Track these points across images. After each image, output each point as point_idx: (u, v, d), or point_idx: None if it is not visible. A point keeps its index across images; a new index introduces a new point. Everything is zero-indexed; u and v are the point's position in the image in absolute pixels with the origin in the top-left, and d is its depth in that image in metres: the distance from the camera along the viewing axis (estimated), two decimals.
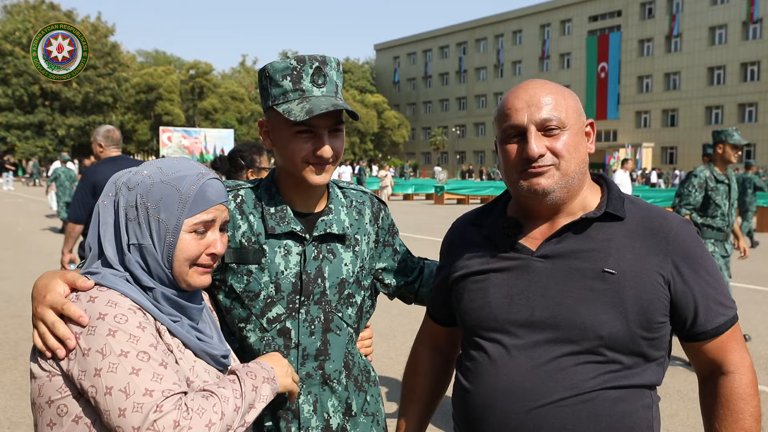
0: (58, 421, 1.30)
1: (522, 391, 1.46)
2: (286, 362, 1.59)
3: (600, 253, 1.49)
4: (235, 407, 1.33)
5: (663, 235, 1.50)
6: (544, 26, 66.27)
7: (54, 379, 1.30)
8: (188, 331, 1.43)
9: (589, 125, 1.59)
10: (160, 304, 1.39)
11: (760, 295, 9.25)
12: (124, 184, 1.42)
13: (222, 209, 1.47)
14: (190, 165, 1.47)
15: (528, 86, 1.54)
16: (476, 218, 1.73)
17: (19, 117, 50.34)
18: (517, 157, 1.51)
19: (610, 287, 1.45)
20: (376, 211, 1.90)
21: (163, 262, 1.39)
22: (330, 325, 1.74)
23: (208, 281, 1.47)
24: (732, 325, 1.52)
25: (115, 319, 1.28)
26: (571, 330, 1.45)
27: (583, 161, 1.53)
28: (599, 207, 1.55)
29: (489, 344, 1.54)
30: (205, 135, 48.31)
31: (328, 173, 1.71)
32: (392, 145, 72.43)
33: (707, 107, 54.83)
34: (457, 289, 1.65)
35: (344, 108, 1.65)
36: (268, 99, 1.70)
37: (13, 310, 7.81)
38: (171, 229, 1.38)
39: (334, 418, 1.75)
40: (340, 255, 1.76)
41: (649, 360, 1.49)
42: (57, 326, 1.28)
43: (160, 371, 1.27)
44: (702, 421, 1.63)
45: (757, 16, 50.88)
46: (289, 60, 1.67)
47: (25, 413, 4.78)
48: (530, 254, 1.54)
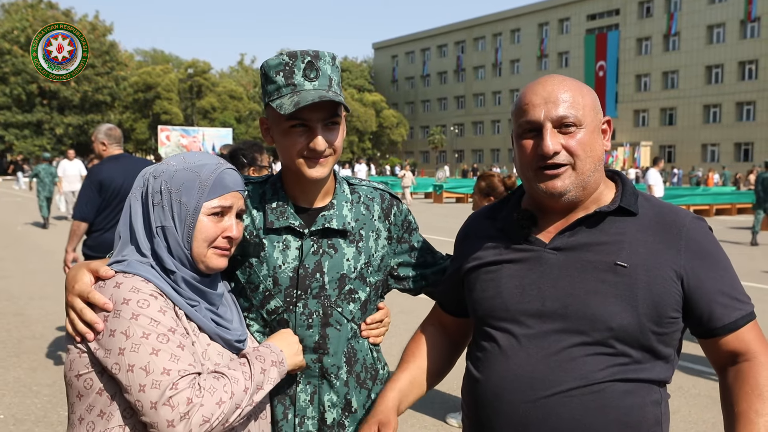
0: (84, 393, 1.44)
1: (531, 380, 1.48)
2: (296, 339, 1.69)
3: (613, 247, 1.50)
4: (245, 388, 1.44)
5: (676, 230, 1.51)
6: (543, 25, 66.23)
7: (83, 356, 1.43)
8: (205, 316, 1.53)
9: (606, 123, 1.60)
10: (181, 288, 1.50)
11: (760, 292, 9.27)
12: (151, 174, 1.56)
13: (238, 197, 1.59)
14: (211, 157, 1.62)
15: (546, 82, 1.55)
16: (490, 212, 1.75)
17: (17, 116, 50.29)
18: (532, 153, 1.53)
19: (622, 280, 1.46)
20: (387, 207, 1.88)
21: (183, 243, 1.51)
22: (329, 319, 1.74)
23: (225, 264, 1.58)
24: (750, 320, 1.51)
25: (138, 304, 1.40)
26: (582, 321, 1.46)
27: (598, 159, 1.54)
28: (613, 202, 1.56)
29: (499, 334, 1.56)
30: (204, 134, 48.28)
31: (324, 167, 1.70)
32: (391, 144, 72.41)
33: (705, 106, 54.84)
34: (470, 280, 1.67)
35: (333, 99, 1.63)
36: (265, 96, 1.72)
37: (15, 308, 7.83)
38: (191, 211, 1.51)
39: (330, 413, 1.75)
40: (342, 250, 1.76)
41: (659, 356, 1.50)
42: (85, 312, 1.41)
43: (178, 352, 1.39)
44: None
45: (755, 15, 50.91)
46: (282, 56, 1.68)
47: (29, 410, 4.80)
48: (543, 246, 1.56)
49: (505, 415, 1.51)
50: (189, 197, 1.51)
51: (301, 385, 1.74)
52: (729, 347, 1.51)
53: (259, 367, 1.51)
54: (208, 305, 1.55)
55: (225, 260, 1.57)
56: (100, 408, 1.43)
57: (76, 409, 1.46)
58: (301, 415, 1.74)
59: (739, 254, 13.25)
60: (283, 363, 1.58)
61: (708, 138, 54.47)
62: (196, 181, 1.52)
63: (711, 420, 4.77)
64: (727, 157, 52.61)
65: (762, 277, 10.61)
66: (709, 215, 23.35)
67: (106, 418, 1.42)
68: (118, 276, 1.46)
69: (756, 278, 10.41)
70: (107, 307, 1.40)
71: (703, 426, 4.69)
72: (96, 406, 1.43)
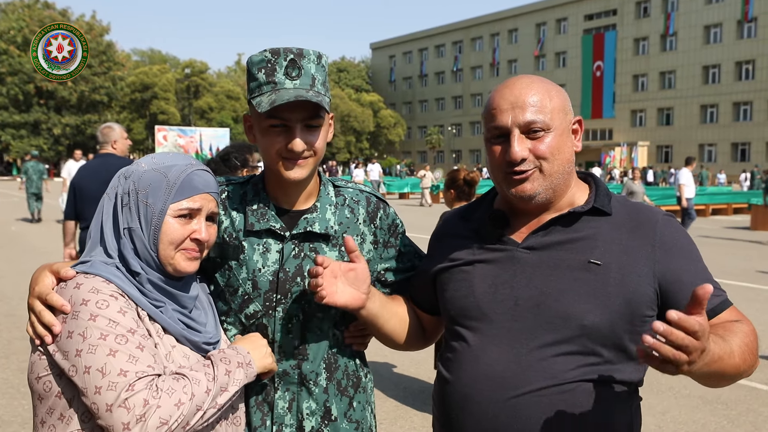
0: (45, 396, 1.42)
1: (502, 379, 1.47)
2: (265, 342, 1.64)
3: (586, 245, 1.50)
4: (207, 389, 1.40)
5: (649, 227, 1.51)
6: (540, 25, 66.27)
7: (42, 358, 1.42)
8: (171, 317, 1.49)
9: (576, 122, 1.59)
10: (146, 289, 1.47)
11: (753, 292, 9.28)
12: (123, 175, 1.55)
13: (209, 199, 1.55)
14: (183, 158, 1.58)
15: (514, 86, 1.54)
16: (465, 213, 1.74)
17: (14, 116, 50.18)
18: (501, 158, 1.53)
19: (595, 278, 1.46)
20: (373, 210, 1.82)
21: (149, 245, 1.48)
22: (309, 324, 1.70)
23: (195, 267, 1.54)
24: (729, 305, 1.50)
25: (96, 305, 1.37)
26: (554, 319, 1.46)
27: (567, 161, 1.54)
28: (587, 202, 1.56)
29: (470, 334, 1.55)
30: (201, 134, 48.13)
31: (302, 168, 1.65)
32: (388, 143, 72.41)
33: (702, 106, 54.90)
34: (442, 280, 1.66)
35: (311, 100, 1.57)
36: (248, 92, 1.68)
37: (7, 308, 7.79)
38: (157, 213, 1.48)
39: (308, 421, 1.71)
40: (324, 254, 1.71)
41: (631, 357, 1.49)
42: (43, 315, 1.40)
43: (137, 353, 1.36)
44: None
45: (751, 15, 50.97)
46: (265, 53, 1.64)
47: (16, 412, 4.77)
48: (516, 246, 1.55)
49: (474, 415, 1.50)
50: (155, 198, 1.48)
51: (280, 392, 1.70)
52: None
53: (223, 369, 1.47)
54: (179, 308, 1.52)
55: (194, 263, 1.54)
56: (59, 411, 1.40)
57: (38, 411, 1.45)
58: (279, 422, 1.70)
59: (734, 255, 13.25)
60: (250, 365, 1.54)
61: (705, 138, 54.53)
62: (163, 182, 1.49)
63: (701, 421, 4.78)
64: (724, 157, 52.67)
65: (757, 277, 10.60)
66: (706, 215, 23.39)
67: (66, 422, 1.40)
68: (79, 277, 1.43)
69: (751, 278, 10.41)
70: (65, 309, 1.37)
71: (693, 426, 4.69)
72: (56, 410, 1.41)
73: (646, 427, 4.64)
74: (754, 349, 1.42)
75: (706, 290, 1.11)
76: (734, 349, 1.35)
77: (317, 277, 1.56)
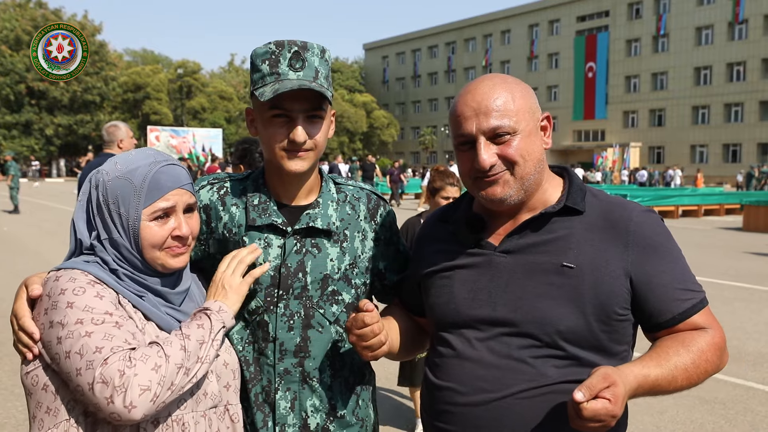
0: (33, 391, 1.45)
1: (484, 383, 1.48)
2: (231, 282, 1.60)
3: (559, 247, 1.50)
4: (181, 346, 1.40)
5: (623, 226, 1.49)
6: (533, 26, 66.39)
7: None
8: (154, 306, 1.50)
9: (545, 119, 1.58)
10: (124, 282, 1.49)
11: (747, 292, 9.32)
12: (92, 184, 1.53)
13: (181, 193, 1.54)
14: (145, 155, 1.55)
15: (476, 90, 1.51)
16: (444, 215, 1.74)
17: (6, 116, 49.96)
18: (469, 165, 1.52)
19: (569, 281, 1.46)
20: (373, 207, 1.83)
21: (133, 251, 1.50)
22: (311, 321, 1.69)
23: (184, 262, 1.56)
24: (702, 308, 1.49)
25: (73, 292, 1.40)
26: (531, 324, 1.46)
27: (538, 161, 1.53)
28: (559, 201, 1.55)
29: (454, 339, 1.56)
30: (194, 134, 48.15)
31: (303, 161, 1.65)
32: (381, 144, 72.42)
33: (694, 107, 55.12)
34: (425, 285, 1.67)
35: (313, 89, 1.59)
36: (251, 85, 1.68)
37: (0, 310, 7.74)
38: (132, 221, 1.49)
39: (313, 418, 1.69)
40: (325, 250, 1.71)
41: (611, 354, 1.49)
42: (20, 336, 1.44)
43: (113, 332, 1.37)
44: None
45: (742, 17, 51.25)
46: (270, 45, 1.65)
47: (9, 414, 4.73)
48: (493, 250, 1.56)
49: (459, 418, 1.51)
50: (127, 207, 1.49)
51: (281, 392, 1.68)
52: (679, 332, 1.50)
53: (195, 325, 1.47)
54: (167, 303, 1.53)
55: (182, 258, 1.55)
56: (47, 405, 1.42)
57: (29, 407, 1.47)
58: (281, 422, 1.68)
59: (727, 255, 13.32)
60: (222, 310, 1.54)
61: (697, 139, 54.77)
62: (130, 189, 1.49)
63: (699, 420, 4.79)
64: (716, 158, 52.95)
65: (751, 277, 10.64)
66: (698, 216, 23.50)
67: (53, 414, 1.41)
68: (59, 271, 1.46)
69: (745, 279, 10.44)
70: (35, 337, 1.41)
71: (691, 426, 4.70)
72: (43, 403, 1.43)
73: (644, 426, 4.67)
74: (709, 367, 1.46)
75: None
76: (677, 374, 1.41)
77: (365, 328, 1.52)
